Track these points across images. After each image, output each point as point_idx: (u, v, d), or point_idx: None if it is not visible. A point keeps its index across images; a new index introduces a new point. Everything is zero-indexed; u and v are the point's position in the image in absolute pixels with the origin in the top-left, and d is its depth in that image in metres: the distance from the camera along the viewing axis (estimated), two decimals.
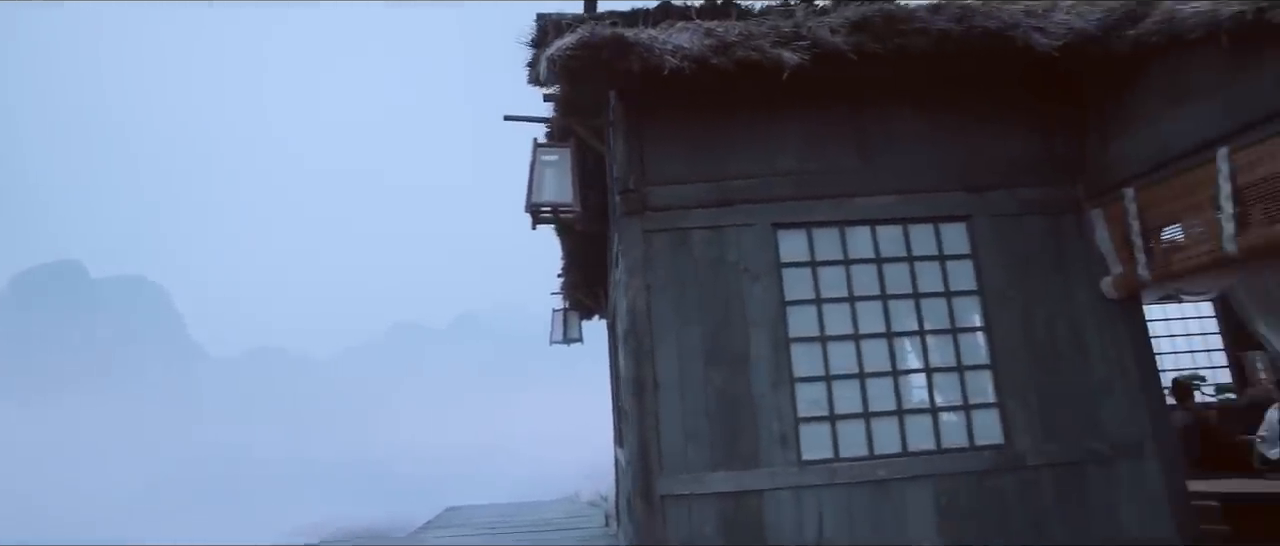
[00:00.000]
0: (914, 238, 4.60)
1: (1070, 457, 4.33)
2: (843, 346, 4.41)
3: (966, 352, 4.46)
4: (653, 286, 4.45)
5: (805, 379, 4.35)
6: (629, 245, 4.51)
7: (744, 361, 4.34)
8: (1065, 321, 4.54)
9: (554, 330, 9.92)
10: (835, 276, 4.51)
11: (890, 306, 4.48)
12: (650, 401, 4.27)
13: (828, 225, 4.58)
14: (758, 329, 4.38)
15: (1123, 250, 4.46)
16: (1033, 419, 4.35)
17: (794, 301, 4.46)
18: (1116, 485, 4.33)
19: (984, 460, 4.28)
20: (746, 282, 4.45)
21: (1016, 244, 4.62)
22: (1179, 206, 4.08)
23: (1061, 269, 4.62)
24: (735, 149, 4.69)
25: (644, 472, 4.18)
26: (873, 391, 4.36)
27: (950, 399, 4.41)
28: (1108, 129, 4.59)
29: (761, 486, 4.18)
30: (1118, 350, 4.52)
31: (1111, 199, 4.50)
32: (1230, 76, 3.80)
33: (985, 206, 4.64)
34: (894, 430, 4.33)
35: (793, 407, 4.29)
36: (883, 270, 4.53)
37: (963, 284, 4.56)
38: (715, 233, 4.54)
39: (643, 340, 4.35)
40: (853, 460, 4.25)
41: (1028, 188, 4.70)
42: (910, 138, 4.75)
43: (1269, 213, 3.59)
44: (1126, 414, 4.43)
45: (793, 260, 4.52)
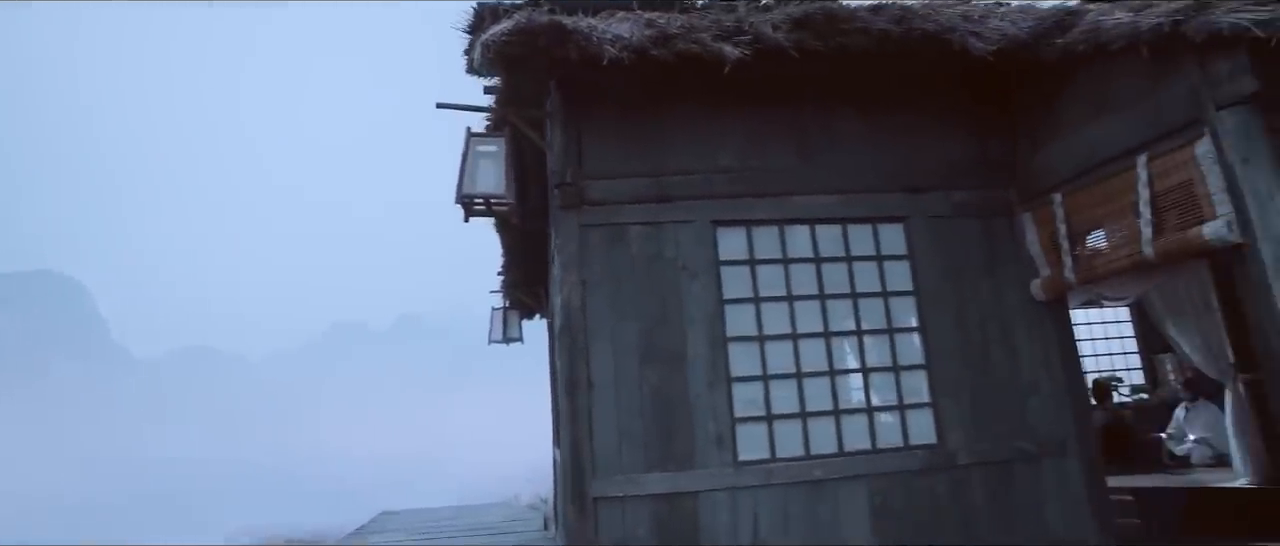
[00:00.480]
0: (853, 238, 4.58)
1: (999, 456, 4.37)
2: (780, 346, 4.35)
3: (902, 353, 4.46)
4: (589, 282, 4.30)
5: (742, 378, 4.27)
6: (565, 239, 4.35)
7: (681, 360, 4.23)
8: (996, 322, 4.59)
9: (493, 329, 9.66)
10: (774, 275, 4.45)
11: (828, 306, 4.45)
12: (584, 401, 4.12)
13: (767, 223, 4.51)
14: (695, 327, 4.28)
15: (1051, 253, 4.54)
16: (965, 418, 4.38)
17: (732, 300, 4.37)
18: (1042, 483, 4.39)
19: (918, 459, 4.28)
20: (684, 280, 4.35)
21: (951, 245, 4.65)
22: (1102, 212, 4.17)
23: (993, 271, 4.68)
24: (676, 144, 4.59)
25: (576, 474, 4.02)
26: (810, 391, 4.31)
27: (886, 399, 4.40)
28: (1038, 135, 4.67)
29: (697, 488, 4.08)
30: (1045, 350, 4.60)
31: (1041, 203, 4.58)
32: (1149, 87, 3.90)
33: (922, 208, 4.66)
34: (830, 430, 4.29)
35: (729, 407, 4.20)
36: (821, 269, 4.50)
37: (899, 284, 4.56)
38: (654, 229, 4.42)
39: (577, 337, 4.20)
40: (789, 460, 4.18)
41: (963, 190, 4.74)
42: (850, 138, 4.74)
43: (1182, 218, 3.69)
44: (1052, 413, 4.51)
45: (731, 258, 4.44)
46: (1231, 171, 3.43)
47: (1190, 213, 3.63)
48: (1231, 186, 3.44)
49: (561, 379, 4.18)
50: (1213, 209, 3.52)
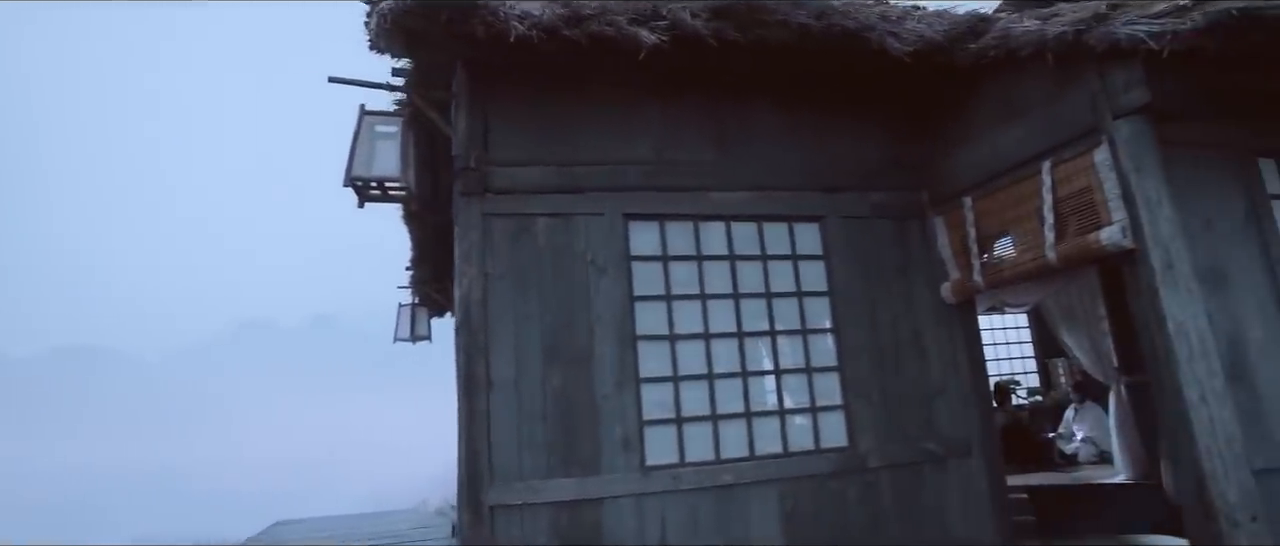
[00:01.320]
0: (768, 236, 4.47)
1: (908, 459, 4.35)
2: (692, 346, 4.19)
3: (815, 354, 4.38)
4: (491, 275, 4.01)
5: (652, 379, 4.08)
6: (466, 229, 4.04)
7: (587, 360, 4.00)
8: (908, 324, 4.58)
9: (400, 326, 9.14)
10: (687, 272, 4.28)
11: (742, 305, 4.32)
12: (482, 402, 3.82)
13: (682, 219, 4.35)
14: (603, 325, 4.06)
15: (960, 256, 4.57)
16: (876, 420, 4.34)
17: (643, 297, 4.18)
18: (947, 484, 4.40)
19: (828, 462, 4.20)
20: (593, 275, 4.12)
21: (866, 247, 4.62)
22: (1010, 216, 4.21)
23: (906, 273, 4.67)
24: (589, 134, 4.36)
25: (472, 481, 3.72)
26: (721, 393, 4.16)
27: (798, 401, 4.30)
28: (951, 139, 4.70)
29: (602, 494, 3.85)
30: (953, 353, 4.62)
31: (952, 206, 4.60)
32: (1054, 95, 3.95)
33: (838, 208, 4.61)
34: (741, 433, 4.15)
35: (637, 410, 4.00)
36: (736, 268, 4.36)
37: (814, 285, 4.49)
38: (562, 221, 4.17)
39: (476, 334, 3.90)
40: (698, 465, 4.02)
41: (879, 192, 4.72)
42: (769, 135, 4.64)
43: (1082, 224, 3.74)
44: (959, 414, 4.53)
45: (643, 254, 4.24)
46: (1126, 179, 3.50)
47: (1089, 218, 3.69)
48: (1126, 193, 3.50)
49: (459, 378, 3.87)
50: (1109, 215, 3.58)
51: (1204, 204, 3.65)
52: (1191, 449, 3.24)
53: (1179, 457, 3.32)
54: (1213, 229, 3.64)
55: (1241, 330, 3.53)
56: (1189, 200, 3.57)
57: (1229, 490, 3.18)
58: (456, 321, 3.96)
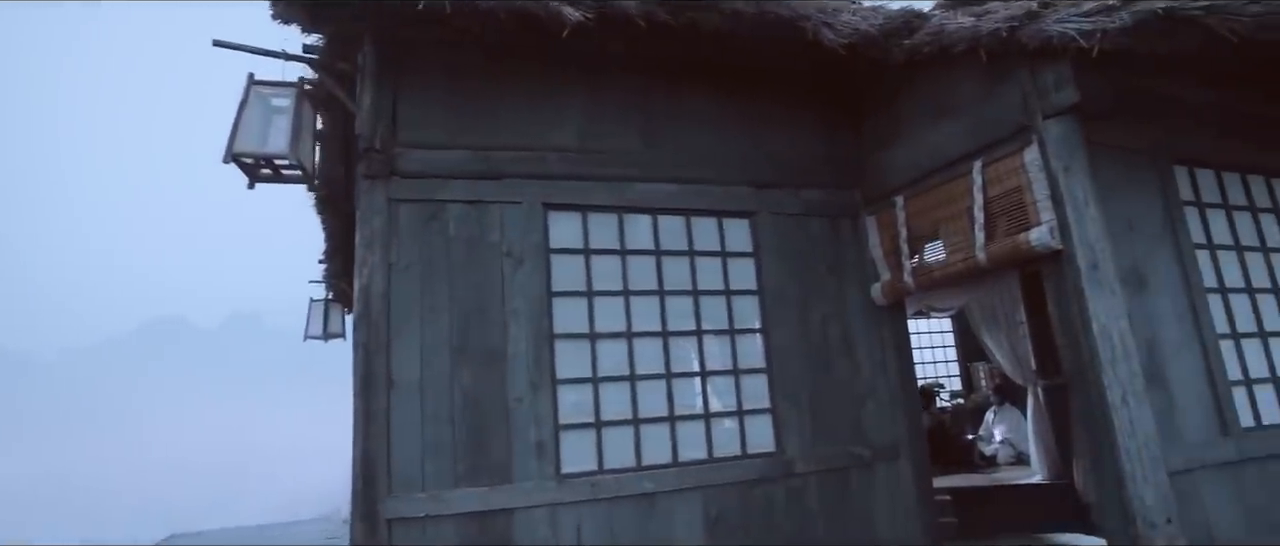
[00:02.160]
0: (697, 231, 4.28)
1: (837, 463, 4.23)
2: (614, 345, 3.95)
3: (743, 355, 4.21)
4: (396, 266, 3.67)
5: (570, 380, 3.82)
6: (369, 214, 3.68)
7: (500, 358, 3.70)
8: (838, 326, 4.47)
9: (311, 323, 8.56)
10: (610, 267, 4.04)
11: (667, 303, 4.10)
12: (381, 403, 3.47)
13: (605, 210, 4.10)
14: (519, 321, 3.77)
15: (891, 257, 4.49)
16: (804, 424, 4.20)
17: (562, 292, 3.91)
18: (875, 488, 4.30)
19: (755, 468, 4.03)
20: (509, 268, 3.83)
21: (798, 245, 4.48)
22: (941, 216, 4.15)
23: (837, 272, 4.56)
24: (508, 117, 4.06)
25: (367, 490, 3.37)
26: (644, 395, 3.93)
27: (725, 404, 4.12)
28: (884, 137, 4.63)
29: (512, 504, 3.56)
30: (883, 355, 4.54)
31: (884, 206, 4.52)
32: (986, 93, 3.90)
33: (769, 204, 4.45)
34: (664, 438, 3.93)
35: (554, 413, 3.73)
36: (662, 263, 4.15)
37: (743, 283, 4.32)
38: (476, 208, 3.86)
39: (377, 329, 3.55)
40: (618, 472, 3.78)
41: (811, 189, 4.60)
42: (699, 127, 4.45)
43: (1011, 224, 3.69)
44: (888, 417, 4.44)
45: (564, 246, 3.98)
46: (1055, 179, 3.46)
47: (1019, 219, 3.64)
48: (1054, 194, 3.46)
49: (356, 377, 3.51)
50: (1038, 216, 3.53)
51: (1126, 206, 3.66)
52: (1112, 450, 3.20)
53: (1100, 459, 3.29)
54: (1134, 231, 3.64)
55: (1158, 332, 3.54)
56: (1112, 202, 3.56)
57: (1146, 492, 3.15)
58: (355, 315, 3.60)
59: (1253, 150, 4.23)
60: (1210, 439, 3.50)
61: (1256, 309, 3.96)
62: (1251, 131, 4.24)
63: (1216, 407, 3.57)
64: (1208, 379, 3.59)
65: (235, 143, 3.33)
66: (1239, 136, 4.20)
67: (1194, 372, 3.57)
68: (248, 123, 3.40)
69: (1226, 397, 3.61)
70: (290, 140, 3.39)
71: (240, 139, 3.35)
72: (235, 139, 3.33)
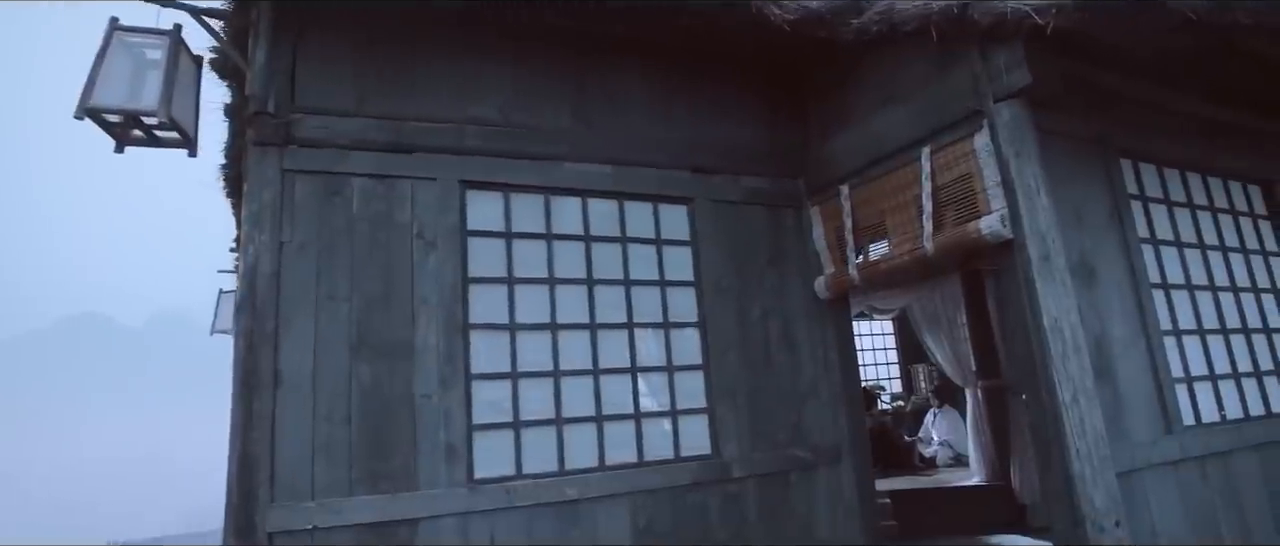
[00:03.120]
0: (630, 216, 3.96)
1: (776, 467, 3.97)
2: (536, 337, 3.59)
3: (678, 350, 3.91)
4: (289, 245, 3.23)
5: (486, 376, 3.45)
6: (259, 186, 3.24)
7: (407, 352, 3.31)
8: (780, 321, 4.22)
9: (220, 317, 7.90)
10: (535, 253, 3.69)
11: (597, 293, 3.77)
12: (265, 401, 3.04)
13: (530, 191, 3.75)
14: (429, 310, 3.38)
15: (835, 250, 4.27)
16: (742, 425, 3.92)
17: (480, 279, 3.54)
18: (816, 492, 4.06)
19: (689, 473, 3.73)
20: (420, 251, 3.44)
21: (738, 235, 4.22)
22: (887, 206, 3.94)
23: (779, 265, 4.31)
24: (426, 86, 3.67)
25: (244, 500, 2.93)
26: (569, 393, 3.59)
27: (657, 403, 3.81)
28: (829, 124, 4.41)
29: (416, 513, 3.17)
30: (825, 352, 4.31)
31: (828, 196, 4.30)
32: (936, 76, 3.71)
33: (709, 190, 4.17)
34: (591, 440, 3.60)
35: (467, 412, 3.35)
36: (591, 250, 3.82)
37: (679, 273, 4.02)
38: (385, 185, 3.46)
39: (263, 317, 3.11)
40: (538, 477, 3.42)
41: (753, 176, 4.34)
42: (636, 106, 4.14)
43: (960, 213, 3.50)
44: (830, 418, 4.21)
45: (483, 228, 3.61)
46: (1006, 165, 3.27)
47: (968, 207, 3.45)
48: (1005, 180, 3.27)
49: (236, 371, 3.06)
50: (988, 204, 3.34)
51: (1075, 196, 3.51)
52: (1062, 451, 3.02)
53: (1048, 460, 3.11)
54: (1082, 222, 3.49)
55: (1107, 327, 3.39)
56: (1061, 192, 3.40)
57: (1096, 494, 2.98)
58: (237, 300, 3.15)
59: (1192, 148, 4.17)
60: (1155, 437, 3.37)
61: (1196, 305, 3.88)
62: (1191, 131, 4.19)
63: (1161, 406, 3.44)
64: (1153, 376, 3.47)
65: (92, 96, 2.84)
66: (1180, 134, 4.14)
67: (1140, 370, 3.44)
68: (110, 74, 2.92)
69: (1170, 395, 3.49)
70: (162, 96, 2.92)
71: (99, 92, 2.86)
72: (92, 92, 2.84)
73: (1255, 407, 3.92)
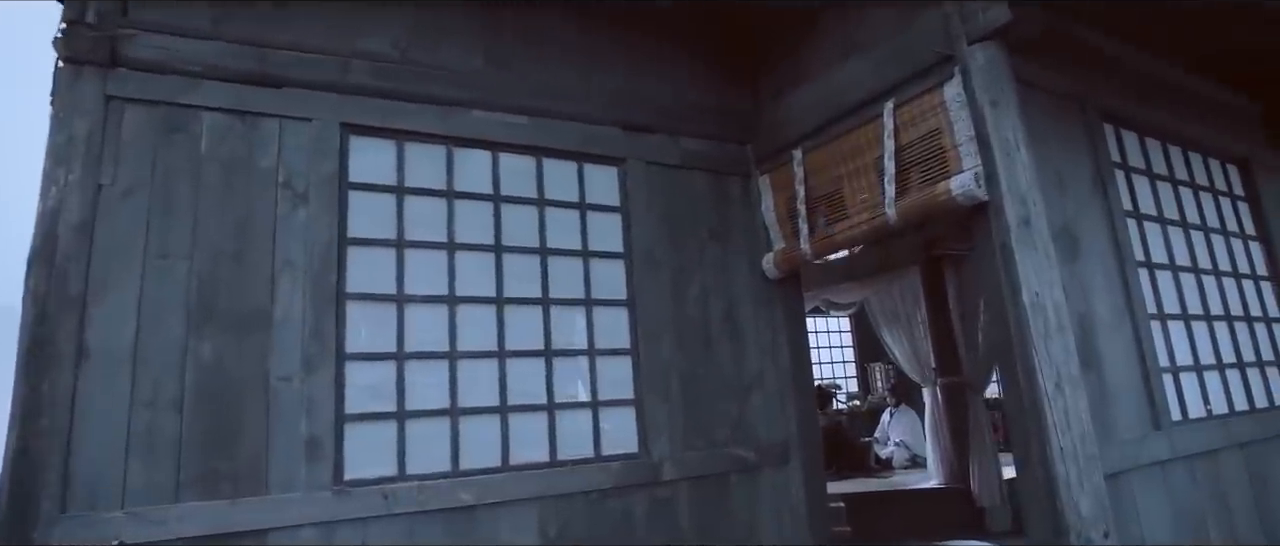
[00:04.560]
0: (550, 176, 3.37)
1: (714, 467, 3.40)
2: (430, 312, 2.96)
3: (602, 332, 3.32)
4: (111, 189, 2.55)
5: (364, 356, 2.81)
6: (69, 113, 2.55)
7: (262, 324, 2.65)
8: (721, 301, 3.66)
9: None
10: (432, 212, 3.06)
11: (506, 263, 3.16)
12: (62, 383, 2.35)
13: (430, 140, 3.12)
14: (295, 275, 2.73)
15: (786, 223, 3.73)
16: (675, 419, 3.34)
17: (362, 240, 2.90)
18: (759, 497, 3.50)
19: (611, 474, 3.14)
20: (287, 204, 2.78)
21: (676, 202, 3.65)
22: (846, 170, 3.41)
23: (722, 238, 3.76)
24: (303, 10, 3.01)
25: (18, 510, 2.23)
26: (468, 379, 2.97)
27: (576, 393, 3.21)
28: (782, 82, 3.87)
29: (266, 523, 2.51)
30: (773, 337, 3.76)
31: (780, 162, 3.76)
32: (902, 22, 3.19)
33: (644, 151, 3.60)
34: (493, 434, 2.98)
35: (336, 399, 2.70)
36: (502, 212, 3.21)
37: (606, 243, 3.43)
38: (245, 123, 2.80)
39: (67, 277, 2.42)
40: (425, 479, 2.79)
41: (694, 138, 3.77)
42: (561, 50, 3.54)
43: (927, 174, 2.99)
44: (777, 413, 3.66)
45: (368, 181, 2.97)
46: (981, 117, 2.76)
47: (937, 167, 2.93)
48: (980, 135, 2.76)
49: (22, 342, 2.37)
50: (960, 161, 2.83)
51: (1056, 157, 3.03)
52: (1042, 448, 2.51)
53: (1027, 458, 2.60)
54: (1065, 188, 3.01)
55: (1091, 306, 2.91)
56: (1042, 152, 2.91)
57: (1082, 499, 2.47)
58: (30, 254, 2.45)
59: (1175, 120, 3.75)
60: (1143, 434, 2.89)
61: (1180, 288, 3.44)
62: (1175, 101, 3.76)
63: (1148, 398, 2.97)
64: (1140, 364, 3.00)
65: None
66: (1162, 102, 3.70)
67: (1126, 357, 2.97)
68: None
69: (1158, 387, 3.02)
70: None
71: None
72: None
73: (1240, 402, 3.50)
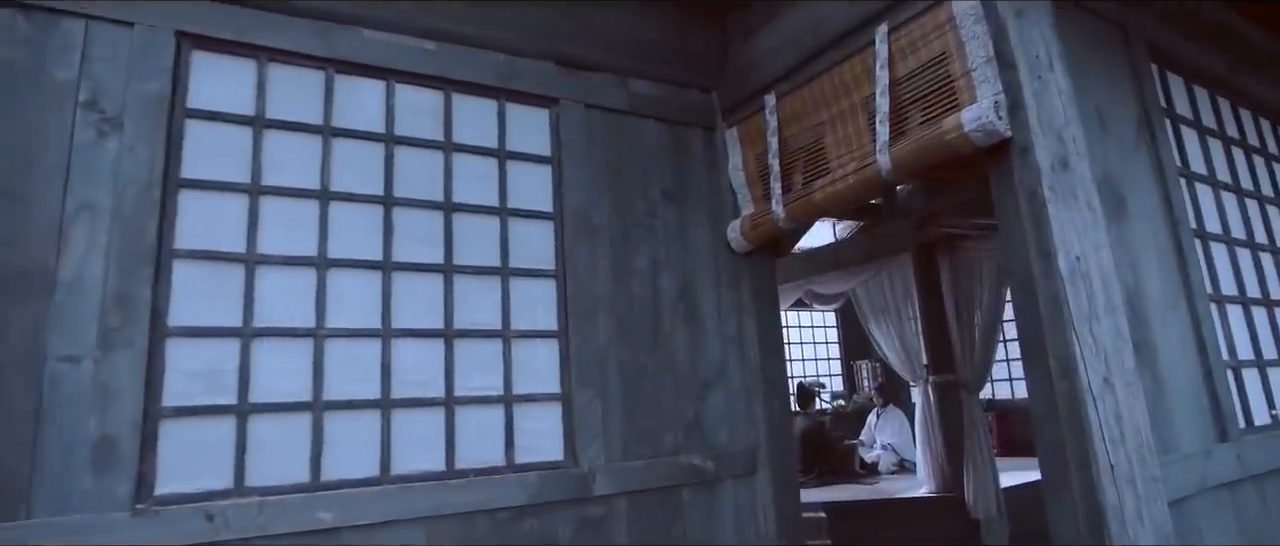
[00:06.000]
0: (461, 115, 2.65)
1: (661, 480, 2.68)
2: (292, 277, 2.24)
3: (522, 310, 2.60)
4: None
5: (194, 331, 2.08)
6: None
7: (41, 286, 1.92)
8: (676, 276, 2.95)
9: None
10: (301, 153, 2.34)
11: (398, 219, 2.44)
12: None
13: (304, 62, 2.40)
14: (94, 222, 2.01)
15: (757, 183, 3.03)
16: (612, 420, 2.63)
17: (199, 183, 2.18)
18: (719, 516, 2.80)
19: (528, 488, 2.42)
20: (88, 130, 2.06)
21: (622, 156, 2.94)
22: (828, 115, 2.71)
23: (680, 202, 3.04)
24: None
25: None
26: (339, 363, 2.25)
27: (483, 385, 2.49)
28: (754, 20, 3.16)
29: None
30: (739, 323, 3.06)
31: (750, 111, 3.05)
32: None
33: (582, 92, 2.88)
34: (370, 435, 2.26)
35: (148, 387, 1.98)
36: (395, 157, 2.49)
37: (531, 201, 2.71)
38: (31, 21, 2.07)
39: None
40: (271, 493, 2.07)
41: (647, 80, 3.06)
42: None
43: (928, 111, 2.28)
44: (742, 413, 2.96)
45: (211, 108, 2.24)
46: (1002, 29, 2.06)
47: (943, 100, 2.23)
48: (1000, 53, 2.06)
49: None
50: (974, 89, 2.13)
51: (1096, 93, 2.33)
52: (1085, 467, 1.81)
53: (1061, 479, 1.89)
54: (1107, 130, 2.31)
55: (1141, 283, 2.21)
56: (1079, 83, 2.20)
57: (1142, 537, 1.77)
58: None
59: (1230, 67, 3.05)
60: (1208, 447, 2.20)
61: (1236, 265, 2.75)
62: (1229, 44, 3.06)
63: (1212, 400, 2.28)
64: (1199, 358, 2.30)
65: None
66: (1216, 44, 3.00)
67: (1183, 347, 2.27)
68: None
69: (1223, 386, 2.33)
70: None
71: None
72: None
73: None
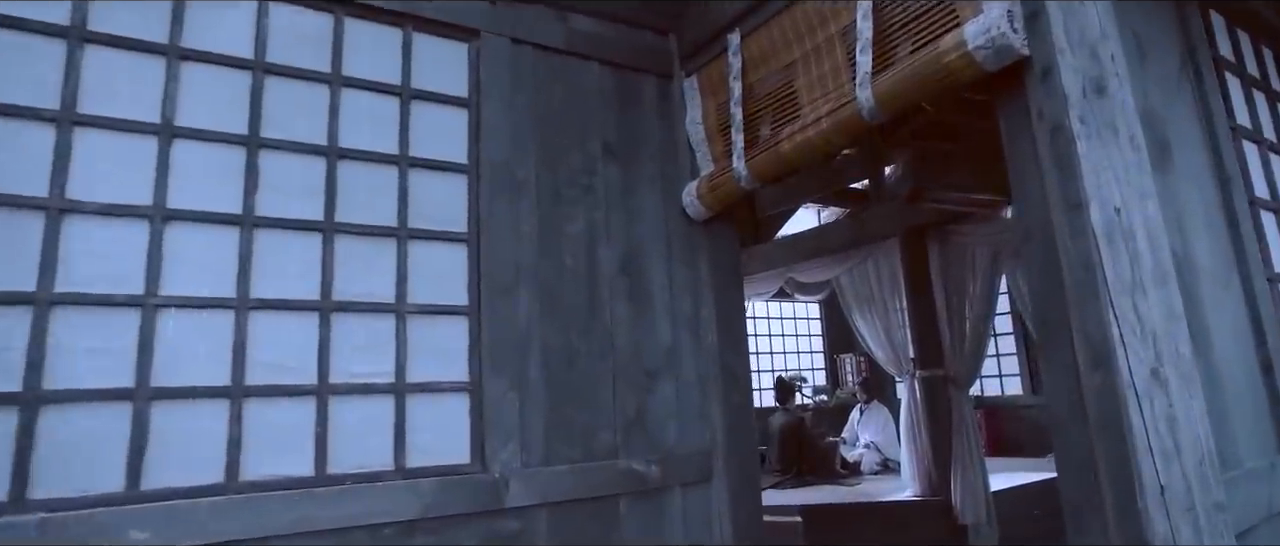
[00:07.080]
0: (354, 44, 2.13)
1: (593, 488, 2.19)
2: (115, 231, 1.72)
3: (423, 279, 2.09)
4: None
5: None
6: None
7: None
8: (618, 246, 2.45)
9: None
10: (136, 77, 1.82)
11: (265, 164, 1.93)
12: None
13: None
14: None
15: (718, 138, 2.53)
16: (533, 415, 2.13)
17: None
18: (664, 530, 2.31)
19: (421, 497, 1.92)
20: None
21: (556, 103, 2.43)
22: (800, 53, 2.21)
23: (626, 158, 2.54)
24: None
25: None
26: (175, 342, 1.74)
27: (368, 371, 1.98)
28: None
29: None
30: (695, 303, 2.56)
31: (712, 55, 2.55)
32: None
33: (510, 24, 2.37)
34: (216, 432, 1.75)
35: None
36: (265, 89, 1.97)
37: (440, 150, 2.20)
38: None
39: None
40: (68, 507, 1.56)
41: (593, 18, 2.56)
42: None
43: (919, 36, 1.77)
44: (696, 409, 2.46)
45: (16, 15, 1.73)
46: None
47: (938, 20, 1.73)
48: None
49: None
50: (977, 3, 1.63)
51: (1133, 17, 1.83)
52: (1126, 486, 1.32)
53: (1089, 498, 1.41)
54: (1146, 62, 1.82)
55: (1189, 251, 1.72)
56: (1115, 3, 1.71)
57: None
58: None
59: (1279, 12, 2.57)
60: (1271, 459, 1.71)
61: None
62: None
63: (1272, 399, 1.79)
64: (1258, 346, 1.82)
65: None
66: None
67: (1237, 333, 1.79)
68: None
69: None
70: None
71: None
72: None
73: None
